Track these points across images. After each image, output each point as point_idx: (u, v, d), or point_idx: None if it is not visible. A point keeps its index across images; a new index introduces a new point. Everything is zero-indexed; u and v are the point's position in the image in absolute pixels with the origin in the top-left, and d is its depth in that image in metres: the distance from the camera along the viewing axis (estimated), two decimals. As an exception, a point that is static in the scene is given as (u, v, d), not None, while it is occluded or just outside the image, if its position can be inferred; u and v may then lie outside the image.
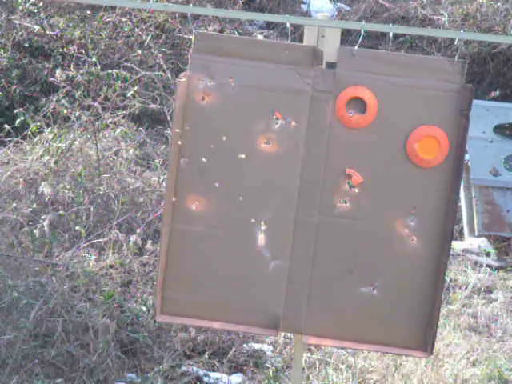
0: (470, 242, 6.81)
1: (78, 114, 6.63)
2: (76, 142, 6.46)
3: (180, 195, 3.40)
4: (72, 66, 7.33)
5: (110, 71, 7.16)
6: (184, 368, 4.59)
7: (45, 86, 7.70)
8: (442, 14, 9.91)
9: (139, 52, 8.11)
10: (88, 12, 8.67)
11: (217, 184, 3.38)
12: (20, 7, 8.30)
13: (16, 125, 6.60)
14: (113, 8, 8.56)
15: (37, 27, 8.09)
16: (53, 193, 5.85)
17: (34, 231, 5.32)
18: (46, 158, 6.27)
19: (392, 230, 3.37)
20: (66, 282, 4.88)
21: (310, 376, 4.57)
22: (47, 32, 8.08)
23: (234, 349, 4.77)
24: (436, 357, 4.63)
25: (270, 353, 4.89)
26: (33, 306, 4.51)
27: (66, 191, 5.91)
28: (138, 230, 5.48)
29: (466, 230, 6.91)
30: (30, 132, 6.60)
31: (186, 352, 4.73)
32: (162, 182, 6.17)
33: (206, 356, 4.69)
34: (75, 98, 6.80)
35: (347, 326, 3.41)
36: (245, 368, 4.72)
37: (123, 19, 8.47)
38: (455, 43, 9.12)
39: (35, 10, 8.31)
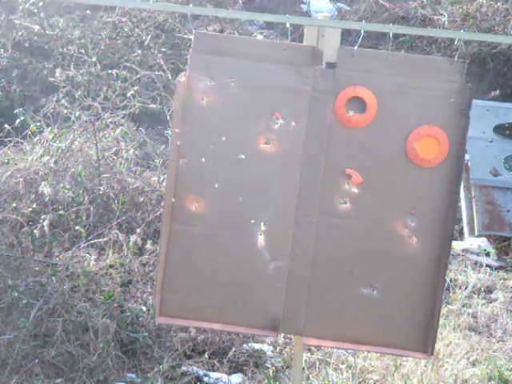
0: (470, 242, 6.80)
1: (77, 113, 6.63)
2: (76, 142, 6.46)
3: (179, 196, 3.39)
4: (72, 66, 7.32)
5: (109, 71, 7.17)
6: (184, 368, 4.59)
7: (45, 86, 7.70)
8: (442, 14, 9.91)
9: (139, 52, 8.12)
10: (88, 12, 8.67)
11: (216, 184, 3.38)
12: (20, 7, 8.31)
13: (16, 125, 6.60)
14: (113, 8, 8.57)
15: (37, 27, 8.10)
16: (53, 193, 5.85)
17: (34, 231, 5.32)
18: (46, 158, 6.27)
19: (392, 230, 3.36)
20: (66, 282, 4.88)
21: (310, 376, 4.57)
22: (47, 32, 8.08)
23: (234, 349, 4.77)
24: (436, 357, 4.63)
25: (270, 353, 4.89)
26: (33, 305, 4.51)
27: (66, 191, 5.91)
28: (138, 230, 5.48)
29: (466, 230, 6.91)
30: (29, 132, 6.60)
31: (186, 352, 4.73)
32: (162, 181, 6.17)
33: (206, 356, 4.68)
34: (75, 98, 6.80)
35: (347, 327, 3.41)
36: (245, 368, 4.71)
37: (123, 19, 8.48)
38: (455, 43, 9.12)
39: (35, 10, 8.32)
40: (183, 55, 8.44)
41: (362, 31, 3.37)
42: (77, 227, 5.56)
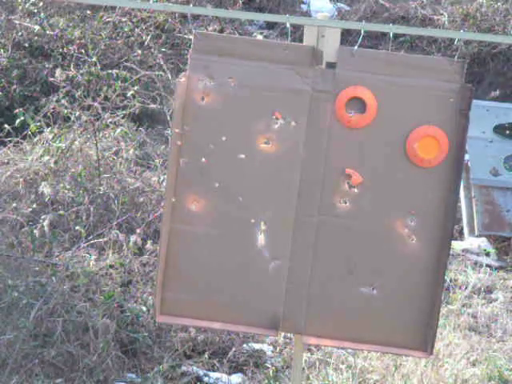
0: (470, 242, 6.80)
1: (77, 113, 6.63)
2: (76, 142, 6.46)
3: (180, 195, 3.40)
4: (72, 66, 7.32)
5: (109, 71, 7.16)
6: (184, 368, 4.59)
7: (45, 85, 7.70)
8: (442, 14, 9.91)
9: (139, 52, 8.12)
10: (88, 12, 8.67)
11: (216, 184, 3.38)
12: (20, 7, 8.30)
13: (16, 125, 6.60)
14: (113, 8, 8.56)
15: (37, 27, 8.09)
16: (53, 193, 5.85)
17: (34, 231, 5.32)
18: (46, 158, 6.27)
19: (392, 230, 3.36)
20: (66, 282, 4.88)
21: (310, 376, 4.57)
22: (47, 32, 8.08)
23: (234, 349, 4.78)
24: (436, 357, 4.63)
25: (270, 353, 4.89)
26: (33, 305, 4.51)
27: (66, 191, 5.91)
28: (138, 230, 5.48)
29: (465, 230, 6.91)
30: (30, 132, 6.60)
31: (186, 352, 4.73)
32: (162, 182, 6.16)
33: (206, 356, 4.69)
34: (75, 98, 6.80)
35: (347, 326, 3.41)
36: (245, 368, 4.72)
37: (123, 19, 8.47)
38: (455, 43, 9.12)
39: (35, 10, 8.32)
40: (183, 55, 8.43)
41: (362, 31, 3.37)
42: (77, 227, 5.56)
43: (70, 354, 4.39)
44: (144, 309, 4.86)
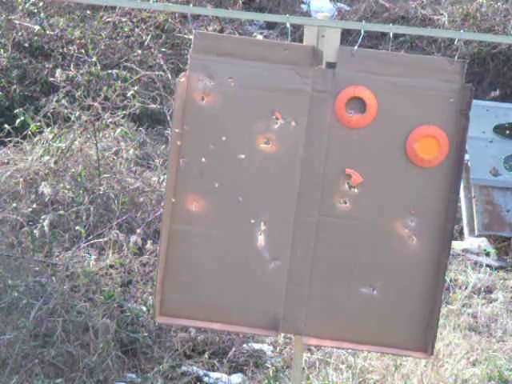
0: (470, 242, 6.80)
1: (77, 113, 6.63)
2: (76, 142, 6.46)
3: (179, 195, 3.39)
4: (72, 66, 7.33)
5: (110, 71, 7.17)
6: (184, 368, 4.59)
7: (45, 85, 7.70)
8: (442, 14, 9.91)
9: (139, 52, 8.12)
10: (88, 12, 8.67)
11: (216, 184, 3.38)
12: (20, 7, 8.30)
13: (16, 125, 6.60)
14: (113, 8, 8.56)
15: (37, 27, 8.09)
16: (53, 193, 5.85)
17: (34, 231, 5.32)
18: (46, 158, 6.27)
19: (392, 230, 3.36)
20: (66, 282, 4.88)
21: (310, 376, 4.57)
22: (47, 32, 8.08)
23: (234, 349, 4.77)
24: (436, 357, 4.63)
25: (270, 353, 4.89)
26: (33, 306, 4.51)
27: (66, 191, 5.91)
28: (138, 230, 5.48)
29: (465, 230, 6.91)
30: (30, 132, 6.60)
31: (186, 352, 4.73)
32: (162, 182, 6.16)
33: (206, 356, 4.69)
34: (75, 98, 6.80)
35: (347, 327, 3.41)
36: (245, 368, 4.72)
37: (123, 19, 8.47)
38: (455, 43, 9.12)
39: (35, 10, 8.32)
40: (183, 55, 8.43)
41: (362, 31, 3.37)
42: (77, 227, 5.56)
43: (70, 354, 4.39)
44: (144, 309, 4.86)
